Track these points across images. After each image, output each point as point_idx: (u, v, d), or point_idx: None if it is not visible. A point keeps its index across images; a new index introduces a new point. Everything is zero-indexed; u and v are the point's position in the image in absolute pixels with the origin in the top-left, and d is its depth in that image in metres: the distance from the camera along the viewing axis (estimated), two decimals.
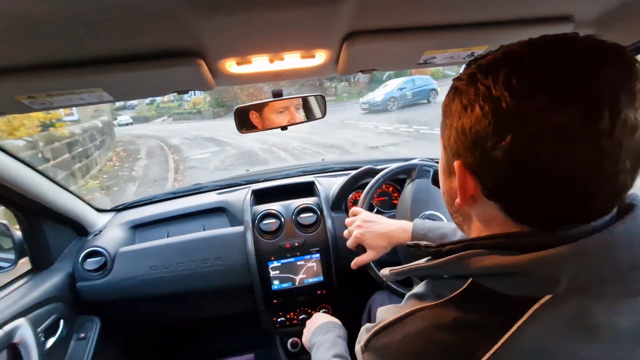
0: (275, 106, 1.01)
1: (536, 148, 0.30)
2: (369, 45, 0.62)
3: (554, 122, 0.29)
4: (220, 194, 1.42)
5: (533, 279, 0.32)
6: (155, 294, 1.15)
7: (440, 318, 0.35)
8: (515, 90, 0.30)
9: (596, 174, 0.30)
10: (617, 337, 0.31)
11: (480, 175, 0.35)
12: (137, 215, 1.34)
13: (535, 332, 0.31)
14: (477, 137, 0.33)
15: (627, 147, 0.29)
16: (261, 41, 0.59)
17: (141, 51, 0.57)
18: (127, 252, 1.17)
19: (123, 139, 14.67)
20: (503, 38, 0.64)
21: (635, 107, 0.29)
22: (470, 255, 0.35)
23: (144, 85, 0.69)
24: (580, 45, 0.31)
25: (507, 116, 0.31)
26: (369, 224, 0.89)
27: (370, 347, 0.39)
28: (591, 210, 0.33)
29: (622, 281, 0.32)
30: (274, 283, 1.17)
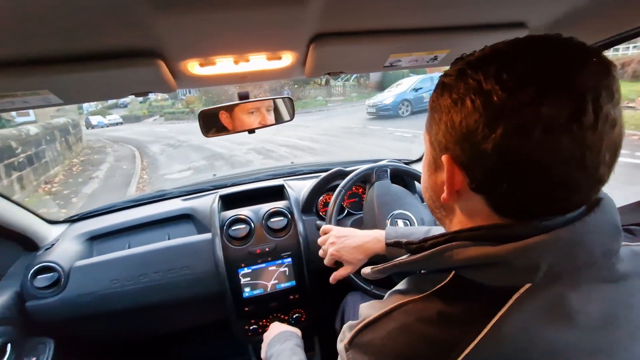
0: (247, 107, 0.99)
1: (525, 140, 0.31)
2: (336, 47, 0.62)
3: (542, 115, 0.30)
4: (186, 200, 1.36)
5: (514, 268, 0.33)
6: (116, 310, 1.07)
7: (425, 311, 0.36)
8: (506, 84, 0.31)
9: (579, 166, 0.31)
10: (590, 323, 0.33)
11: (468, 168, 0.36)
12: (94, 225, 1.25)
13: (516, 320, 0.32)
14: (467, 130, 0.34)
15: (607, 141, 0.31)
16: (225, 42, 0.57)
17: (93, 51, 0.53)
18: (83, 266, 1.09)
19: (95, 143, 13.01)
20: (464, 42, 0.67)
21: (614, 104, 0.31)
22: (454, 247, 0.36)
23: (96, 87, 0.64)
24: (563, 44, 0.33)
25: (497, 109, 0.32)
26: (343, 239, 0.88)
27: (355, 344, 0.39)
28: (572, 201, 0.34)
29: (595, 268, 0.34)
30: (245, 290, 1.14)
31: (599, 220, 0.35)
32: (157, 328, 1.26)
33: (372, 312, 0.40)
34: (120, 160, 9.43)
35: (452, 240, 0.37)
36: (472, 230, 0.37)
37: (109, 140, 13.78)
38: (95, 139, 14.31)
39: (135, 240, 1.23)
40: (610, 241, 0.35)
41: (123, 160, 9.46)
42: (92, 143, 12.99)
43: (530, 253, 0.33)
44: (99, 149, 11.93)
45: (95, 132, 18.20)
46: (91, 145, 12.45)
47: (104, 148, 11.99)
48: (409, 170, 1.11)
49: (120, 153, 10.70)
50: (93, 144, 12.95)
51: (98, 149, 11.93)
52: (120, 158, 9.78)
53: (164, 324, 1.24)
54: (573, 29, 0.66)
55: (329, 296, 1.23)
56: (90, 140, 13.56)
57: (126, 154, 10.37)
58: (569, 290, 0.33)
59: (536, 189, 0.33)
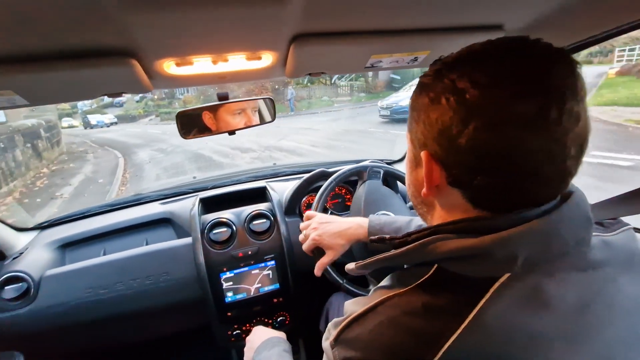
0: (228, 108, 0.96)
1: (496, 134, 0.33)
2: (317, 47, 0.62)
3: (512, 111, 0.32)
4: (164, 204, 1.32)
5: (494, 259, 0.35)
6: (91, 320, 1.03)
7: (410, 304, 0.37)
8: (478, 82, 0.34)
9: (548, 159, 0.33)
10: (566, 309, 0.35)
11: (445, 163, 0.38)
12: (66, 232, 1.20)
13: (496, 309, 0.34)
14: (444, 127, 0.36)
15: (572, 135, 0.33)
16: (202, 41, 0.55)
17: (60, 49, 0.51)
18: (54, 275, 1.03)
19: (79, 147, 11.65)
20: (443, 44, 0.68)
21: (578, 101, 0.33)
22: (436, 240, 0.37)
23: (65, 87, 0.61)
24: (532, 45, 0.35)
25: (470, 106, 0.34)
26: (325, 225, 0.89)
27: (341, 341, 0.39)
28: (544, 192, 0.36)
29: (568, 256, 0.36)
30: (228, 295, 1.11)
31: (572, 211, 0.37)
32: (136, 337, 1.21)
33: (357, 308, 0.40)
34: (98, 171, 8.04)
35: (435, 234, 0.38)
36: (454, 224, 0.38)
37: (96, 144, 12.43)
38: (81, 142, 13.06)
39: (111, 247, 1.19)
40: (582, 231, 0.37)
41: (102, 170, 8.17)
42: (74, 147, 11.74)
43: (508, 244, 0.34)
44: (79, 154, 10.50)
45: (86, 133, 16.84)
46: (72, 150, 11.14)
47: (85, 154, 10.58)
48: (392, 171, 1.12)
49: (102, 161, 9.32)
50: (76, 147, 11.68)
51: (78, 154, 10.51)
52: (100, 168, 8.45)
53: (142, 333, 1.19)
54: (548, 31, 0.68)
55: (313, 298, 1.23)
56: (74, 143, 12.51)
57: (108, 162, 8.96)
58: (545, 278, 0.35)
59: (508, 181, 0.35)
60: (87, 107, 25.46)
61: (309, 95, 18.45)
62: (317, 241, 0.88)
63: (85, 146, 12.07)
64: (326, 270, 0.95)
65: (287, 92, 17.11)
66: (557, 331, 0.34)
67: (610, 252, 0.39)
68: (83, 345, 1.16)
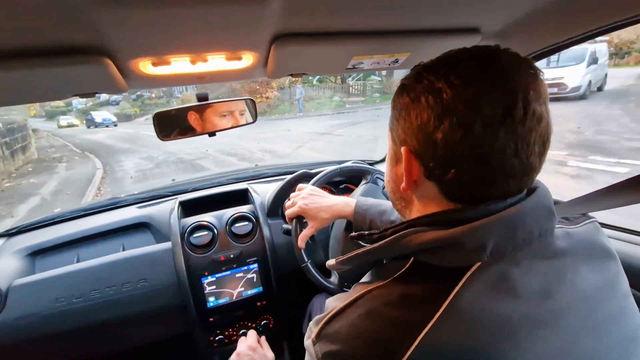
0: (212, 109, 0.95)
1: (466, 131, 0.36)
2: (298, 48, 0.61)
3: (481, 111, 0.35)
4: (142, 208, 1.28)
5: (465, 249, 0.37)
6: (65, 331, 0.98)
7: (388, 296, 0.39)
8: (453, 83, 0.37)
9: (514, 155, 0.36)
10: (530, 295, 0.37)
11: (422, 157, 0.41)
12: (36, 239, 1.14)
13: (468, 296, 0.36)
14: (422, 123, 0.39)
15: (535, 134, 0.36)
16: (179, 41, 0.54)
17: (28, 47, 0.48)
18: (23, 284, 0.98)
19: (53, 154, 10.03)
20: (423, 46, 0.69)
21: (540, 102, 0.37)
22: (412, 233, 0.40)
23: (33, 87, 0.58)
24: (500, 53, 0.39)
25: (445, 104, 0.37)
26: (314, 197, 0.92)
27: (322, 336, 0.40)
28: (510, 187, 0.39)
29: (532, 245, 0.39)
30: (210, 300, 1.09)
31: (536, 203, 0.40)
32: (113, 347, 1.17)
33: (338, 304, 0.41)
34: (60, 193, 6.07)
35: (410, 227, 0.41)
36: (428, 217, 0.41)
37: (78, 148, 10.91)
38: (62, 145, 11.79)
39: (85, 253, 1.14)
40: (545, 222, 0.40)
41: (70, 188, 6.33)
42: (50, 153, 10.21)
43: (477, 234, 0.37)
44: (49, 163, 8.61)
45: (72, 134, 15.37)
46: (43, 158, 9.43)
47: (57, 163, 8.73)
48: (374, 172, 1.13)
49: (74, 173, 7.59)
50: (51, 153, 10.06)
51: (48, 163, 8.64)
52: (68, 184, 6.62)
53: (120, 342, 1.15)
54: (521, 34, 0.70)
55: (296, 300, 1.22)
56: (52, 147, 11.28)
57: (82, 176, 7.13)
58: (512, 266, 0.38)
59: (478, 174, 0.38)
60: (82, 105, 24.53)
61: (317, 95, 17.24)
62: (303, 209, 0.91)
63: (64, 151, 10.61)
64: (308, 271, 0.94)
65: (294, 91, 15.92)
66: (523, 317, 0.36)
67: (572, 242, 0.42)
68: (57, 357, 1.11)
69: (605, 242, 0.45)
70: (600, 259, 0.43)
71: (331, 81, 17.40)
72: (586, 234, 0.45)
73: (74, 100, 28.38)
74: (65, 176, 7.46)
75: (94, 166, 8.10)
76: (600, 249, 0.44)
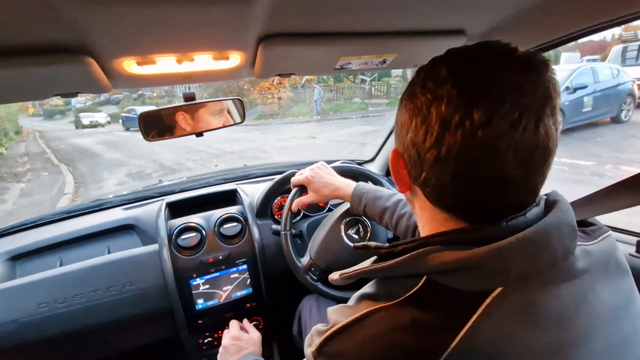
0: (199, 109, 0.94)
1: (426, 132, 0.36)
2: (286, 48, 0.61)
3: (441, 113, 0.34)
4: (127, 210, 1.25)
5: (487, 272, 0.34)
6: (47, 337, 0.95)
7: (398, 319, 0.35)
8: (426, 87, 0.36)
9: (473, 161, 0.34)
10: (552, 322, 0.34)
11: (403, 158, 0.41)
12: (15, 243, 1.10)
13: (489, 325, 0.33)
14: (402, 125, 0.40)
15: (507, 141, 0.33)
16: (165, 40, 0.53)
17: (6, 45, 0.46)
18: (2, 290, 0.95)
19: (20, 166, 8.13)
20: (409, 47, 0.69)
21: (524, 105, 0.33)
22: (427, 253, 0.36)
23: (11, 86, 0.56)
24: (486, 49, 0.36)
25: (414, 108, 0.37)
26: (322, 172, 0.97)
27: (324, 353, 0.38)
28: (508, 198, 0.36)
29: (556, 267, 0.36)
30: (198, 302, 1.08)
31: (559, 220, 0.36)
32: (98, 352, 1.14)
33: (341, 319, 0.38)
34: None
35: (424, 245, 0.37)
36: (443, 235, 0.38)
37: (58, 157, 9.09)
38: (40, 152, 9.79)
39: (68, 257, 1.10)
40: (569, 241, 0.37)
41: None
42: (16, 164, 8.22)
43: (502, 256, 0.33)
44: (2, 181, 6.75)
45: (61, 137, 13.86)
46: (1, 173, 7.52)
47: (15, 181, 6.77)
48: (363, 171, 1.13)
49: (29, 201, 5.72)
50: (15, 166, 7.99)
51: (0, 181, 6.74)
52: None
53: (106, 347, 1.12)
54: (507, 36, 0.71)
55: (286, 301, 1.21)
56: (25, 156, 9.36)
57: (39, 203, 5.54)
58: (536, 291, 0.34)
59: (440, 179, 0.37)
60: (81, 104, 23.82)
61: (335, 96, 15.23)
62: (308, 179, 0.96)
63: (38, 161, 8.63)
64: (285, 241, 0.99)
65: (312, 91, 13.73)
66: (544, 347, 0.33)
67: (591, 261, 0.39)
68: None
69: (620, 258, 0.43)
70: (615, 275, 0.41)
71: (349, 80, 15.47)
72: (603, 252, 0.41)
73: (72, 100, 27.69)
74: (9, 209, 5.33)
75: (61, 190, 6.20)
76: (615, 265, 0.41)
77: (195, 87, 18.17)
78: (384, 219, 0.88)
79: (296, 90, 15.32)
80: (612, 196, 0.53)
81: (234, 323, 1.01)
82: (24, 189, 6.42)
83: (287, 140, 9.31)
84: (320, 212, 1.29)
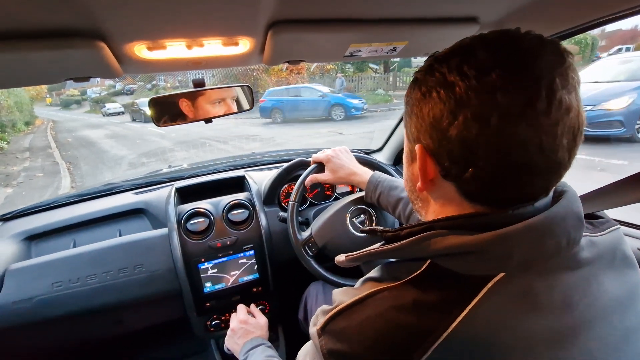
0: (208, 95, 0.94)
1: (482, 126, 0.33)
2: (295, 35, 0.61)
3: (498, 103, 0.32)
4: (138, 194, 1.28)
5: (490, 257, 0.35)
6: (62, 315, 0.99)
7: (400, 299, 0.36)
8: (466, 75, 0.34)
9: (538, 150, 0.33)
10: (552, 309, 0.35)
11: (437, 155, 0.38)
12: (31, 224, 1.14)
13: (489, 308, 0.34)
14: (434, 119, 0.36)
15: (562, 126, 0.33)
16: (175, 25, 0.53)
17: (20, 29, 0.47)
18: (19, 269, 0.98)
19: (17, 164, 7.64)
20: (420, 34, 0.68)
21: (569, 90, 0.33)
22: (432, 236, 0.37)
23: (24, 70, 0.57)
24: (521, 37, 0.35)
25: (459, 98, 0.34)
26: (344, 155, 0.99)
27: (328, 331, 0.39)
28: (536, 185, 0.36)
29: (560, 256, 0.36)
30: (206, 285, 1.10)
31: (566, 210, 0.37)
32: (110, 331, 1.18)
33: (345, 299, 0.39)
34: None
35: (429, 230, 0.38)
36: (449, 220, 0.38)
37: (61, 151, 8.73)
38: (42, 147, 9.08)
39: (82, 239, 1.14)
40: (574, 231, 0.37)
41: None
42: (15, 162, 7.86)
43: (505, 242, 0.34)
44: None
45: (73, 128, 13.73)
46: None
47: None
48: (372, 161, 1.13)
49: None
50: (12, 165, 7.64)
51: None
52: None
53: (117, 326, 1.16)
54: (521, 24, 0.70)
55: (292, 286, 1.24)
56: (27, 151, 9.03)
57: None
58: (537, 279, 0.35)
59: (498, 173, 0.34)
60: (96, 94, 24.52)
61: (357, 87, 13.93)
62: (328, 157, 0.99)
63: (38, 157, 8.09)
64: (305, 260, 0.96)
65: (336, 82, 12.56)
66: (543, 332, 0.34)
67: (597, 252, 0.40)
68: (54, 342, 1.12)
69: (627, 251, 0.43)
70: (621, 268, 0.41)
71: (370, 69, 14.58)
72: (609, 244, 0.42)
73: (88, 90, 28.13)
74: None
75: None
76: (622, 258, 0.42)
77: (209, 77, 17.95)
78: (397, 209, 0.88)
79: (313, 80, 14.29)
80: (622, 190, 0.53)
81: (241, 307, 1.03)
82: (9, 196, 5.53)
83: (311, 136, 8.68)
84: (327, 200, 1.29)
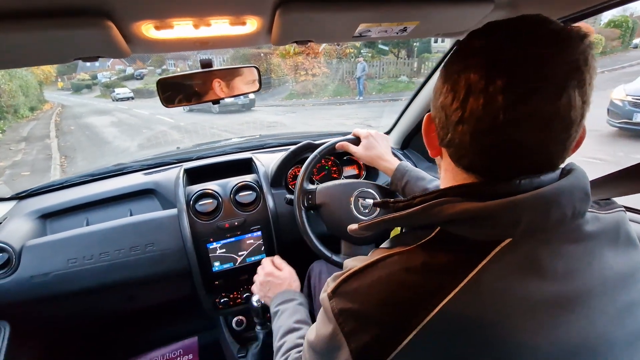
0: (216, 76, 0.93)
1: (455, 97, 0.38)
2: (304, 14, 0.59)
3: (469, 79, 0.37)
4: (148, 175, 1.30)
5: (498, 222, 0.36)
6: (76, 290, 1.03)
7: (409, 262, 0.39)
8: (460, 57, 0.39)
9: (539, 128, 0.35)
10: (555, 277, 0.37)
11: (435, 123, 0.43)
12: (46, 202, 1.17)
13: (495, 272, 0.36)
14: (435, 90, 0.42)
15: (562, 110, 0.35)
16: (183, 4, 0.52)
17: (24, 7, 0.47)
18: (36, 245, 1.02)
19: (6, 159, 7.10)
20: (432, 14, 0.66)
21: (579, 82, 0.35)
22: (444, 203, 0.39)
23: (31, 49, 0.57)
24: (520, 20, 0.37)
25: (450, 75, 0.39)
26: (379, 137, 1.02)
27: (339, 293, 0.41)
28: (537, 161, 0.38)
29: (564, 227, 0.38)
30: (215, 265, 1.13)
31: (573, 183, 0.38)
32: (122, 306, 1.23)
33: (357, 264, 0.42)
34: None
35: (441, 197, 0.40)
36: (460, 188, 0.40)
37: (60, 141, 8.45)
38: (41, 137, 8.62)
39: (94, 217, 1.17)
40: (580, 204, 0.39)
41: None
42: (7, 155, 7.41)
43: (514, 209, 0.36)
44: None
45: (79, 113, 13.36)
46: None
47: None
48: None
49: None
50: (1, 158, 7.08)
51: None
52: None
53: (129, 302, 1.21)
54: (537, 5, 0.67)
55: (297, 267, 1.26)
56: (24, 141, 8.49)
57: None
58: (541, 245, 0.37)
59: (500, 148, 0.37)
60: (107, 78, 24.76)
61: (378, 73, 12.94)
62: (367, 134, 1.02)
63: (34, 149, 7.46)
64: (312, 242, 0.98)
65: (357, 67, 11.54)
66: (545, 298, 0.36)
67: (600, 226, 0.41)
68: (68, 316, 1.18)
69: (631, 232, 0.44)
70: (625, 247, 0.42)
71: (392, 52, 13.74)
72: (614, 221, 0.43)
73: (98, 74, 28.26)
74: None
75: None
76: (625, 237, 0.43)
77: (221, 62, 17.67)
78: None
79: (331, 65, 13.25)
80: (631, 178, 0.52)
81: (266, 261, 0.99)
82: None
83: (335, 126, 8.27)
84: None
